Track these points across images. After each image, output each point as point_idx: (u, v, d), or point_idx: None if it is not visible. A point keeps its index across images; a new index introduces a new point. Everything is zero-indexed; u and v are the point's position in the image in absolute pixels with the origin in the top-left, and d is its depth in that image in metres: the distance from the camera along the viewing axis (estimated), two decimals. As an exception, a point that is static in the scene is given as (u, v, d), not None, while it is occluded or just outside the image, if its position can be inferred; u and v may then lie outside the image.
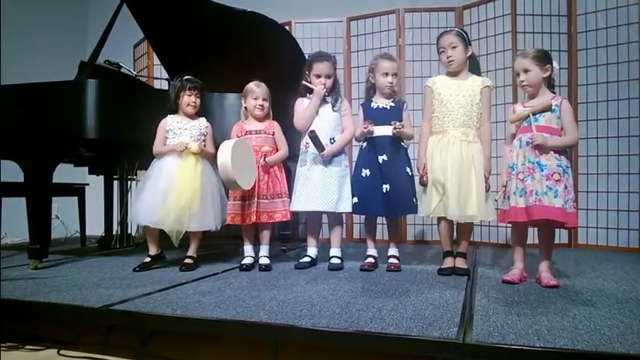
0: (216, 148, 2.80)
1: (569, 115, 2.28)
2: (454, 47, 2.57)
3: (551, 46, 3.68)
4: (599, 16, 3.58)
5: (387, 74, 2.70)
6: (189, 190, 2.62)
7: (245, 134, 2.79)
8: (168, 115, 2.80)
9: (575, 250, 3.56)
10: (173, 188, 2.61)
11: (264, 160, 2.72)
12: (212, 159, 2.73)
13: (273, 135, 2.82)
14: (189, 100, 2.78)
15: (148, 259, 2.75)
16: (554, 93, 2.35)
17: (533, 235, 2.45)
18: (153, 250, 2.79)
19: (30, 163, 2.78)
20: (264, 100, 2.80)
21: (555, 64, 2.32)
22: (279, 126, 2.85)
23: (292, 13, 4.44)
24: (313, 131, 2.69)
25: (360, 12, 4.31)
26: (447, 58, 2.59)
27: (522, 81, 2.32)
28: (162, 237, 2.74)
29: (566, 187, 2.18)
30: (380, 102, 2.75)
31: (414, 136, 2.83)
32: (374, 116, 2.72)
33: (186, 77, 2.80)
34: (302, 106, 2.82)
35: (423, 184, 2.57)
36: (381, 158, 2.66)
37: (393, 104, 2.74)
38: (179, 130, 2.76)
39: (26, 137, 2.76)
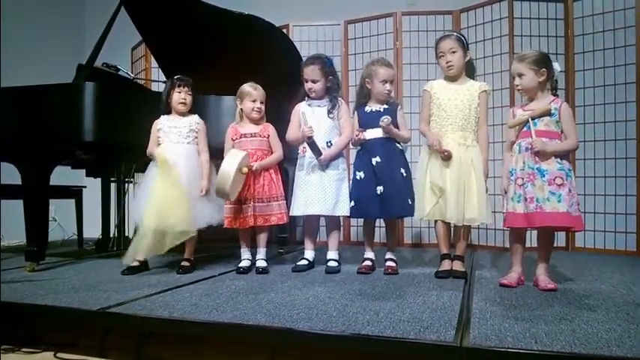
0: (210, 149, 2.82)
1: (568, 119, 2.25)
2: (454, 52, 2.56)
3: (549, 49, 3.67)
4: (595, 19, 3.59)
5: (385, 82, 2.69)
6: (168, 198, 2.56)
7: (240, 137, 2.78)
8: (162, 116, 2.79)
9: (572, 253, 3.57)
10: (152, 199, 2.57)
11: (250, 165, 2.67)
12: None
13: (267, 138, 2.81)
14: (179, 97, 2.76)
15: (136, 264, 2.69)
16: (556, 96, 2.32)
17: (531, 239, 2.45)
18: (141, 256, 2.70)
19: (28, 166, 2.78)
20: (261, 102, 2.79)
21: (557, 66, 2.28)
22: (274, 129, 2.84)
23: (290, 15, 4.45)
24: (311, 137, 2.66)
25: (357, 15, 4.32)
26: (447, 63, 2.57)
27: (517, 85, 2.32)
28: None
29: (570, 191, 2.14)
30: (374, 106, 2.75)
31: (410, 138, 2.82)
32: (368, 120, 2.72)
33: (176, 76, 2.79)
34: (297, 116, 2.79)
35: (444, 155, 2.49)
36: (374, 160, 2.65)
37: (387, 106, 2.73)
38: (168, 128, 2.74)
39: (24, 139, 2.76)
